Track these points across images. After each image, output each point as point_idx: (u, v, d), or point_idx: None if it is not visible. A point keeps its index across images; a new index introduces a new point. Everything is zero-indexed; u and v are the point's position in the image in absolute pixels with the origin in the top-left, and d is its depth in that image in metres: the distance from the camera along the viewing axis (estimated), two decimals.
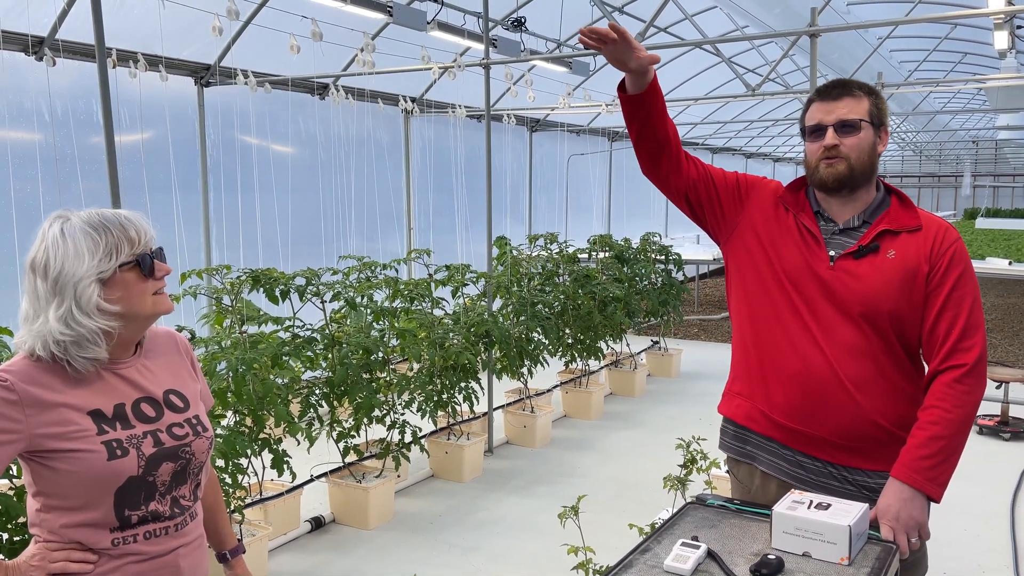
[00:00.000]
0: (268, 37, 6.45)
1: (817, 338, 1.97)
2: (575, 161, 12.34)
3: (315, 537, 4.35)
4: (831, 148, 1.95)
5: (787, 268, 2.02)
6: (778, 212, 2.09)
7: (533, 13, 7.97)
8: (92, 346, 1.50)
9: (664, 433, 6.05)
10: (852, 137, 1.95)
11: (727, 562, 1.62)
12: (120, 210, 1.58)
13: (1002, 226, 16.89)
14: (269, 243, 7.19)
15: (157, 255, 1.59)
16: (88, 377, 1.53)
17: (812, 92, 2.05)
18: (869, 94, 2.00)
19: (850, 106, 1.96)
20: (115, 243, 1.52)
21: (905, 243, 1.95)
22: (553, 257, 6.81)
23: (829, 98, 1.98)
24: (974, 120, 21.54)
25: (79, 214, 1.54)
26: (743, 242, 2.11)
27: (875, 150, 1.99)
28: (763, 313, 2.06)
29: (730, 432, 2.19)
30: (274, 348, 3.91)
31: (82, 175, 5.60)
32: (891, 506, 1.83)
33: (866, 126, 1.97)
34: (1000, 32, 7.47)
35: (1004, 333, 10.12)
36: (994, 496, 4.84)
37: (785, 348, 2.01)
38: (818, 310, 1.98)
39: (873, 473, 1.99)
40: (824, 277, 1.97)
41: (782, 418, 2.03)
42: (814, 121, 1.99)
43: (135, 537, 1.55)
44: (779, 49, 10.11)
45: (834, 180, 1.97)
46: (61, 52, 5.35)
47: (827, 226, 2.03)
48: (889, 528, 1.80)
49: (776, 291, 2.03)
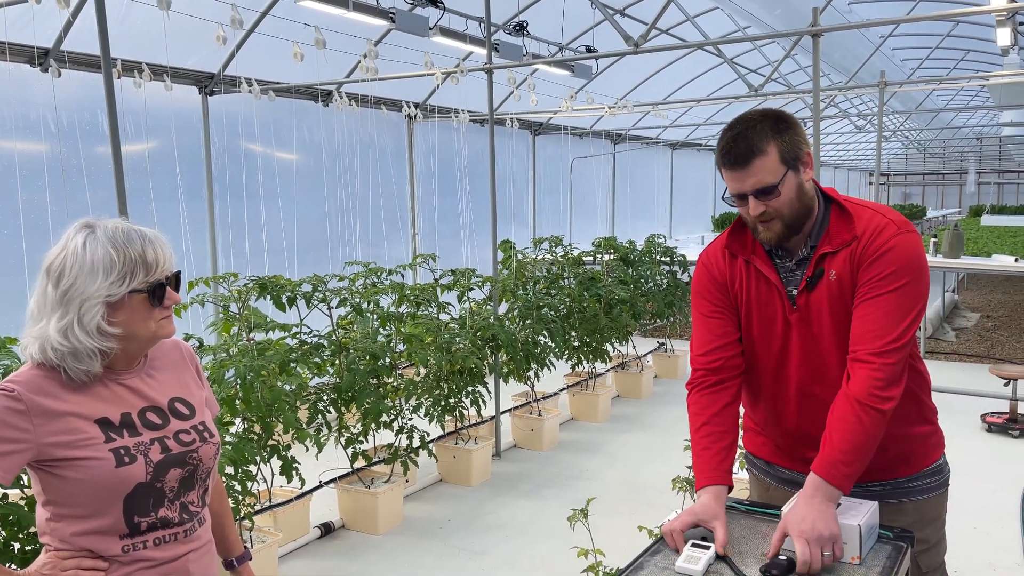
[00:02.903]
0: (271, 45, 6.47)
1: (806, 385, 1.93)
2: (579, 164, 12.35)
3: (325, 543, 4.36)
4: (760, 214, 1.84)
5: (765, 322, 1.97)
6: (736, 266, 2.00)
7: (535, 17, 7.99)
8: (88, 360, 1.51)
9: (672, 435, 6.04)
10: (774, 200, 1.82)
11: (737, 563, 1.62)
12: (146, 229, 1.56)
13: (1007, 223, 16.83)
14: (275, 250, 7.21)
15: (171, 282, 1.58)
16: (94, 386, 1.54)
17: (717, 149, 1.87)
18: (775, 136, 1.80)
19: (760, 172, 1.80)
20: (132, 267, 1.51)
21: (842, 258, 1.86)
22: (558, 260, 6.81)
23: (736, 166, 1.81)
24: (978, 117, 21.50)
25: (105, 226, 1.53)
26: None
27: (803, 188, 1.85)
28: (756, 368, 2.03)
29: (759, 466, 2.19)
30: (281, 355, 3.92)
31: (89, 185, 5.63)
32: (805, 518, 1.67)
33: (785, 179, 1.81)
34: (1002, 29, 7.46)
35: (1011, 330, 10.07)
36: (1004, 493, 4.82)
37: (781, 406, 1.99)
38: (800, 355, 1.94)
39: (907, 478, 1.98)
40: (793, 320, 1.92)
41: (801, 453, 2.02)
42: (733, 191, 1.86)
43: (145, 544, 1.56)
44: (781, 49, 10.10)
45: (775, 241, 1.89)
46: (67, 63, 5.38)
47: (784, 264, 1.95)
48: (804, 543, 1.63)
49: (761, 347, 1.99)
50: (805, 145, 1.86)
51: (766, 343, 1.97)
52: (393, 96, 8.24)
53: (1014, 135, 22.23)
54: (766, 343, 1.97)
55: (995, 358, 8.60)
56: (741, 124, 1.83)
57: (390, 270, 4.99)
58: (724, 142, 1.84)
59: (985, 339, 9.59)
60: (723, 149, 1.84)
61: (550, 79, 9.38)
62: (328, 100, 7.55)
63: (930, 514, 1.99)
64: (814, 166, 1.97)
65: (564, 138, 11.94)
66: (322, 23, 5.99)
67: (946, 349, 8.98)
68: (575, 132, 12.12)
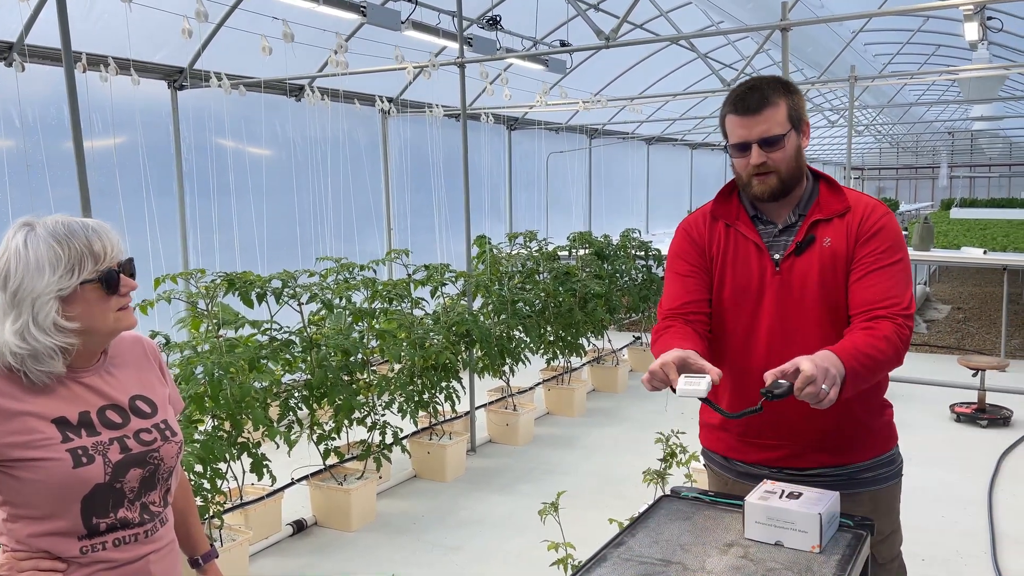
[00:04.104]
0: (241, 39, 6.40)
1: (776, 350, 1.93)
2: (554, 159, 12.36)
3: (297, 540, 4.33)
4: (760, 165, 1.90)
5: (740, 284, 1.98)
6: (716, 230, 2.04)
7: (508, 11, 7.97)
8: (49, 360, 1.48)
9: (646, 428, 6.06)
10: (778, 152, 1.90)
11: (699, 554, 1.63)
12: (89, 220, 1.53)
13: (977, 216, 17.06)
14: (246, 246, 7.14)
15: (124, 268, 1.55)
16: (51, 385, 1.51)
17: (727, 100, 1.94)
18: (786, 93, 1.92)
19: (769, 120, 1.88)
20: (78, 258, 1.48)
21: (836, 228, 1.93)
22: (533, 255, 6.82)
23: (748, 112, 1.89)
24: (949, 112, 21.78)
25: (45, 222, 1.50)
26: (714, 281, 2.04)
27: (800, 151, 1.95)
28: (723, 335, 2.03)
29: (717, 461, 2.17)
30: (251, 352, 3.88)
31: (53, 181, 5.54)
32: (814, 357, 1.68)
33: (789, 134, 1.91)
34: (970, 24, 7.55)
35: (981, 322, 10.23)
36: (972, 482, 4.89)
37: (747, 377, 1.98)
38: (772, 319, 1.95)
39: (860, 464, 2.00)
40: (774, 284, 1.95)
41: (758, 439, 2.02)
42: (736, 138, 1.92)
43: (104, 545, 1.54)
44: (755, 44, 10.16)
45: (768, 195, 1.94)
46: (28, 57, 5.29)
47: (767, 229, 2.00)
48: (812, 365, 1.62)
49: (731, 313, 2.00)
50: (806, 115, 1.97)
51: (737, 307, 1.99)
52: (366, 91, 8.19)
53: (984, 129, 22.55)
54: (737, 307, 1.99)
55: (965, 349, 8.72)
56: (755, 80, 1.94)
57: (363, 266, 4.96)
58: (737, 91, 1.93)
59: (956, 330, 9.73)
60: (735, 97, 1.92)
61: (524, 74, 9.37)
62: (300, 95, 7.48)
63: (884, 504, 2.03)
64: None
65: (540, 133, 11.93)
66: (294, 17, 5.94)
67: (917, 341, 9.09)
68: (551, 127, 12.12)
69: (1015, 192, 29.78)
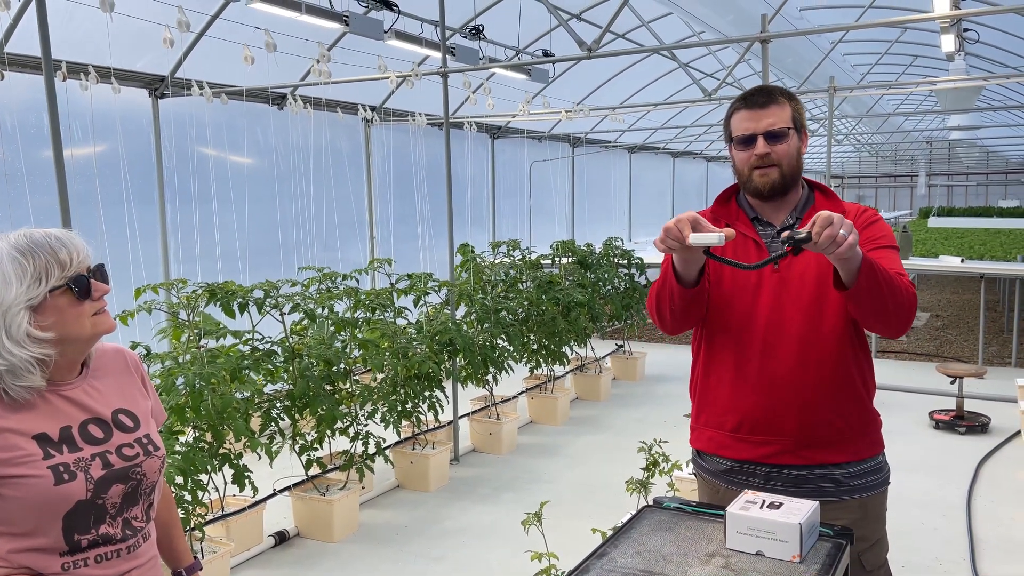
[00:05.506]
0: (224, 48, 6.38)
1: (771, 343, 1.99)
2: (537, 167, 12.39)
3: (279, 552, 4.31)
4: (763, 157, 2.00)
5: (738, 279, 2.03)
6: (716, 227, 2.11)
7: (491, 21, 7.99)
8: (27, 375, 1.47)
9: (630, 436, 6.08)
10: (781, 145, 2.00)
11: (681, 564, 1.64)
12: (52, 230, 1.53)
13: (955, 224, 17.27)
14: (228, 255, 7.10)
15: (95, 274, 1.54)
16: (33, 401, 1.50)
17: (736, 99, 2.08)
18: (791, 99, 2.05)
19: (776, 114, 2.01)
20: (44, 267, 1.47)
21: None
22: (516, 264, 6.83)
23: (756, 106, 2.02)
24: (927, 121, 22.04)
25: (7, 237, 1.50)
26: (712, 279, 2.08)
27: (800, 153, 2.06)
28: (721, 330, 2.08)
29: (707, 468, 2.19)
30: (233, 362, 3.87)
31: (33, 190, 5.49)
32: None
33: (792, 132, 2.02)
34: (947, 36, 7.67)
35: (959, 329, 10.35)
36: (951, 489, 4.95)
37: (743, 369, 2.04)
38: (768, 314, 2.00)
39: (844, 464, 2.03)
40: (772, 281, 2.01)
41: (749, 435, 2.05)
42: (743, 131, 2.02)
43: (86, 561, 1.53)
44: (736, 54, 10.25)
45: (769, 188, 2.02)
46: (8, 65, 5.24)
47: (765, 230, 2.08)
48: (831, 214, 1.66)
49: (729, 308, 2.05)
50: (806, 125, 2.10)
51: (735, 302, 2.03)
52: (349, 99, 8.18)
53: (962, 138, 22.83)
54: (735, 302, 2.03)
55: (944, 356, 8.82)
56: (764, 85, 2.15)
57: (345, 275, 4.95)
58: (747, 92, 2.07)
59: (935, 338, 9.84)
60: (746, 95, 2.06)
61: (507, 83, 9.40)
62: (283, 103, 7.47)
63: (872, 511, 2.05)
64: None
65: (523, 141, 11.97)
66: (276, 26, 5.92)
67: (897, 348, 9.19)
68: (534, 136, 12.16)
69: (992, 199, 30.21)
